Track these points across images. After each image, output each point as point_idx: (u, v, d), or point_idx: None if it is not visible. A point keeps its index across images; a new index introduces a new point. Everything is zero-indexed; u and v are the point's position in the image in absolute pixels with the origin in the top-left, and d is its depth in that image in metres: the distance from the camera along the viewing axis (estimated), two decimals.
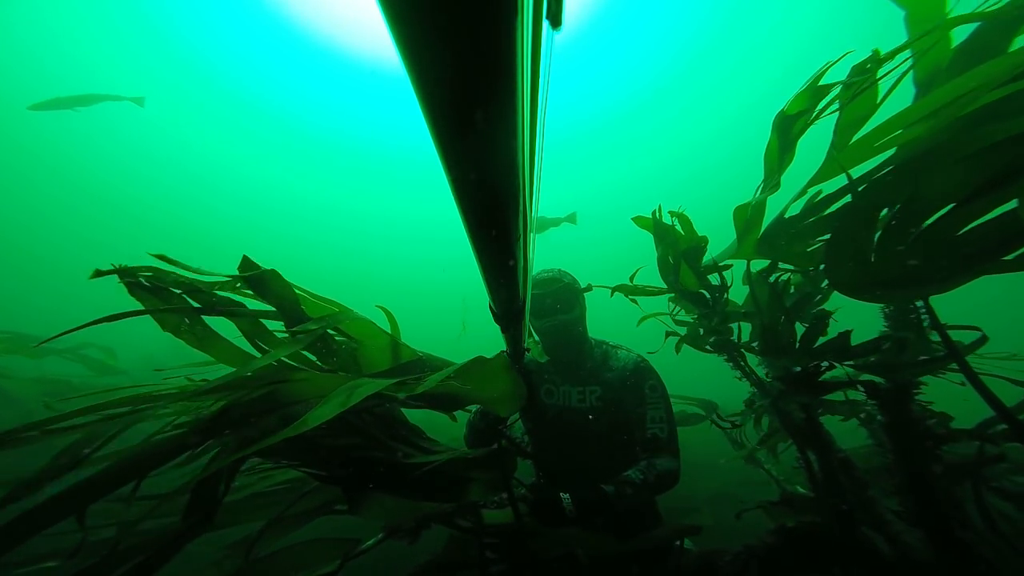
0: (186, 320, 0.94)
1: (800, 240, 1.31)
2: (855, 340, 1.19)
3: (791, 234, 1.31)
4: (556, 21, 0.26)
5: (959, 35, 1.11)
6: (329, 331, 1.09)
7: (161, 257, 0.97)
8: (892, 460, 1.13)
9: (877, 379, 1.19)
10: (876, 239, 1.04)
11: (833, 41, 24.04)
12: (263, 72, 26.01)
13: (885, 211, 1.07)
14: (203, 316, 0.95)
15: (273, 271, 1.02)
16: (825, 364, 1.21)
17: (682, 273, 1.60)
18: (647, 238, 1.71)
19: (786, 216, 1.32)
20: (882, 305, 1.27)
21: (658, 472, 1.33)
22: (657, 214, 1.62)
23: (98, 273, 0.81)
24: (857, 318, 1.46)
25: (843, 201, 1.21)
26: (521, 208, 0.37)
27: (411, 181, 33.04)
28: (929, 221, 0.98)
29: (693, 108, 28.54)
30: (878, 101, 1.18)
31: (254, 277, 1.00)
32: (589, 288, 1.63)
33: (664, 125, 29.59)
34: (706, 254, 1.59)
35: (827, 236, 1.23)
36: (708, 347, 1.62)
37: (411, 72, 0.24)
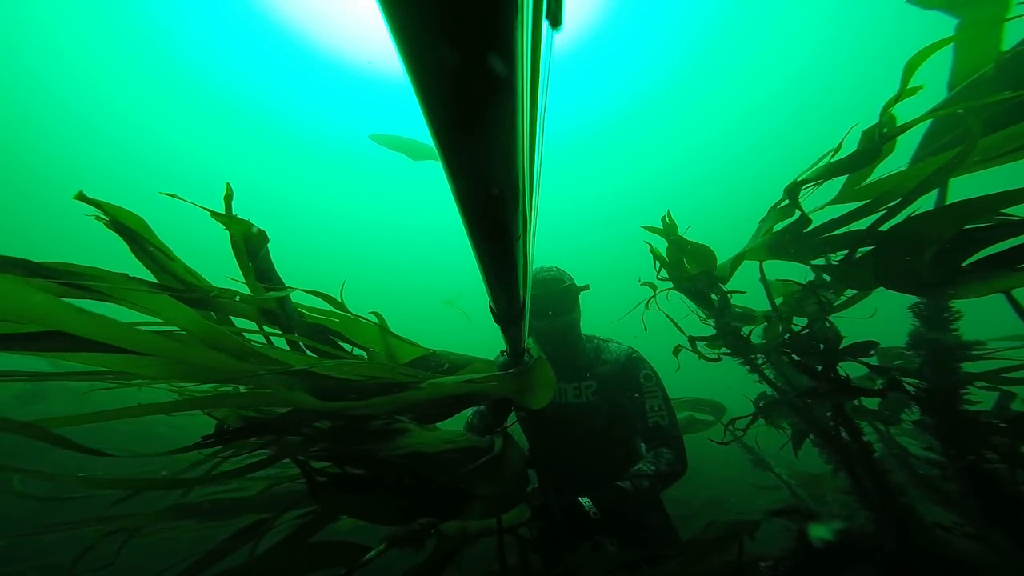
0: (213, 314, 0.92)
1: (812, 252, 1.33)
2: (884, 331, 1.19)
3: (803, 246, 1.34)
4: (556, 21, 0.26)
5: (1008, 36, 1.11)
6: (340, 342, 1.07)
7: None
8: (947, 463, 1.10)
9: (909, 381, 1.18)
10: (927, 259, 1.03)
11: (836, 47, 24.05)
12: (258, 76, 26.16)
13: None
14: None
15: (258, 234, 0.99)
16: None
17: (688, 270, 1.61)
18: (652, 240, 1.72)
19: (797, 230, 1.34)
20: (916, 303, 1.28)
21: (667, 460, 1.33)
22: (667, 219, 1.64)
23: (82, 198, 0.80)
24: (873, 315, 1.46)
25: (854, 225, 1.22)
26: (521, 208, 0.37)
27: (409, 185, 33.14)
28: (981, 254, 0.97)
29: (694, 113, 28.59)
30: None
31: (259, 267, 0.96)
32: (586, 288, 1.63)
33: (666, 130, 29.66)
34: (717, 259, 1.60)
35: (842, 254, 1.25)
36: (722, 351, 1.62)
37: (411, 72, 0.24)
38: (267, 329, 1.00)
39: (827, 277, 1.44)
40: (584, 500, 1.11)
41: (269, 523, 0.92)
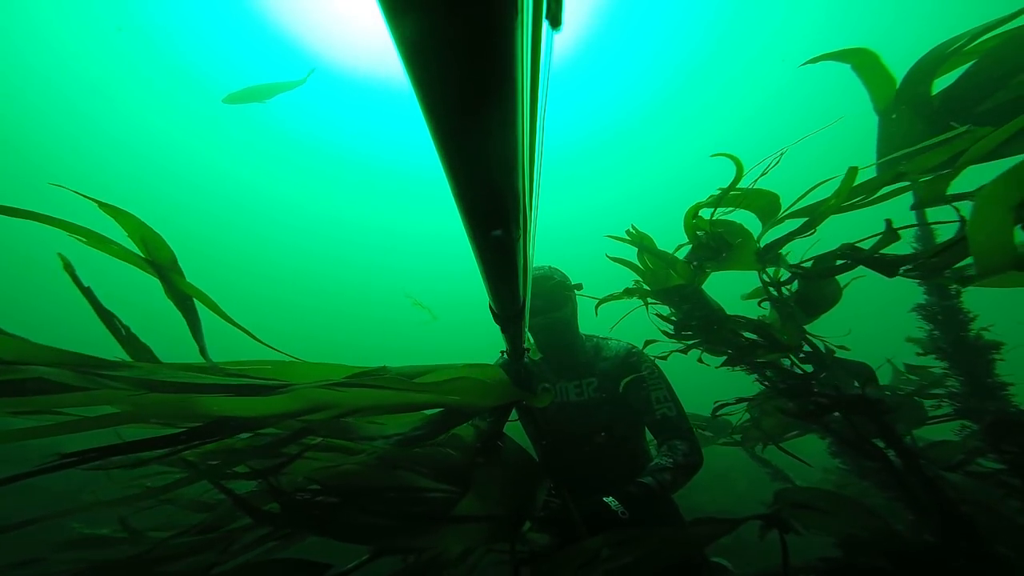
0: None
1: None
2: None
3: (767, 258, 1.42)
4: (556, 21, 0.26)
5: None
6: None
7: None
8: (1006, 471, 1.07)
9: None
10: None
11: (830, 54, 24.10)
12: (259, 78, 26.27)
13: None
14: None
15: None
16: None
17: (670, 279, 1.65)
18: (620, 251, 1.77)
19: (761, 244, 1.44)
20: (922, 304, 1.31)
21: (683, 451, 1.30)
22: (634, 231, 1.69)
23: None
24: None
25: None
26: (521, 208, 0.38)
27: (408, 193, 33.21)
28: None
29: (687, 125, 28.74)
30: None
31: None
32: (579, 287, 1.64)
33: (660, 142, 29.84)
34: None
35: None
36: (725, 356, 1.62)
37: (411, 73, 0.24)
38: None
39: (786, 291, 1.48)
40: (610, 500, 1.07)
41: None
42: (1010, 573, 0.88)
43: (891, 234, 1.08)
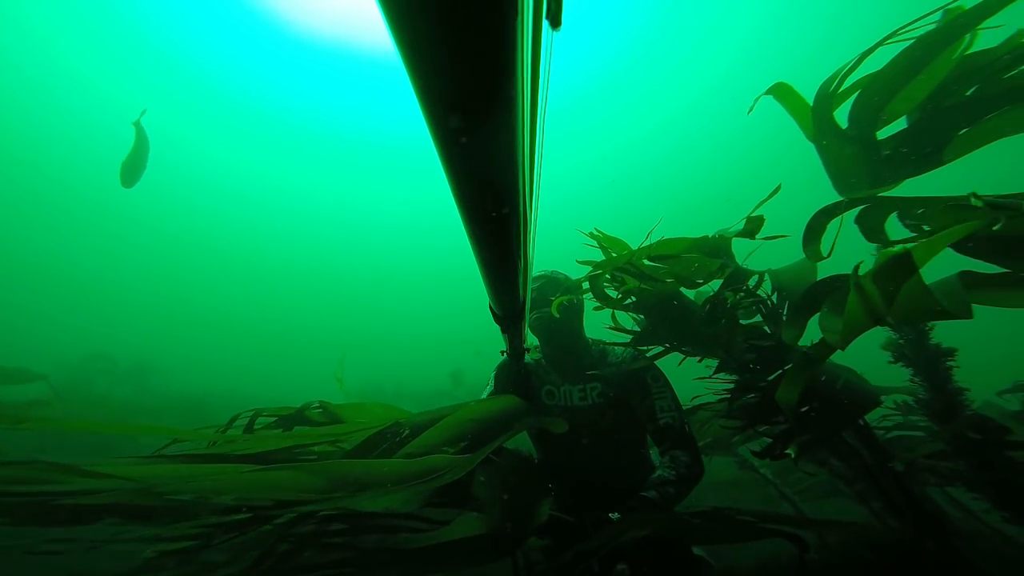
0: None
1: None
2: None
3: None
4: (556, 21, 0.26)
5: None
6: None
7: None
8: (969, 471, 1.10)
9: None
10: None
11: (788, 21, 24.38)
12: (253, 67, 26.24)
13: None
14: None
15: None
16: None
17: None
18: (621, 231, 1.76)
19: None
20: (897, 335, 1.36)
21: (684, 463, 1.30)
22: (599, 234, 1.72)
23: None
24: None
25: None
26: (521, 210, 0.37)
27: (409, 169, 33.11)
28: None
29: (650, 95, 28.76)
30: None
31: None
32: (581, 285, 1.63)
33: (624, 110, 29.85)
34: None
35: None
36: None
37: (412, 74, 0.24)
38: None
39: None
40: (614, 516, 1.07)
41: None
42: (971, 565, 0.90)
43: None
